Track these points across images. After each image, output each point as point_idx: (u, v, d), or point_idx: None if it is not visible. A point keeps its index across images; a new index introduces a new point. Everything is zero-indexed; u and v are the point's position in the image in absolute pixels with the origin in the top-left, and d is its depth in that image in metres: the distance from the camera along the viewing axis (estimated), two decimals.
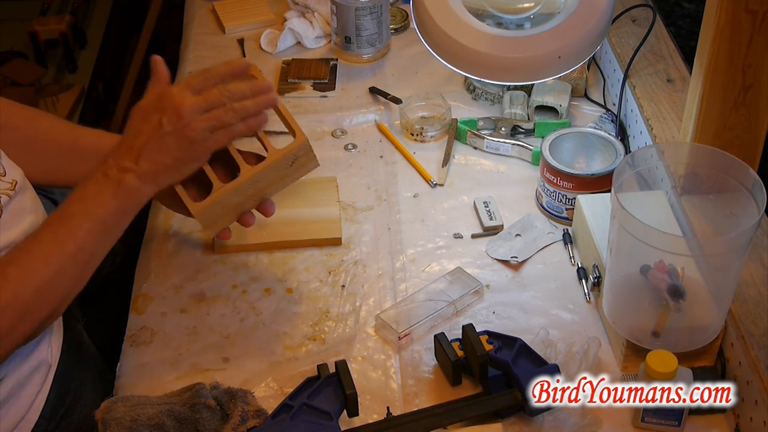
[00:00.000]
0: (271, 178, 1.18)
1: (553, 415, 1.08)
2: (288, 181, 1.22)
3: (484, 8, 1.35)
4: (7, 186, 1.17)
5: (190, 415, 1.05)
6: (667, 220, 1.19)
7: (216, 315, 1.25)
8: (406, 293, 1.27)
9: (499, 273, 1.30)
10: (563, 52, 1.29)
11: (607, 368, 1.15)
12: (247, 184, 1.17)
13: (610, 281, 1.14)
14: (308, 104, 1.63)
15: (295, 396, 1.07)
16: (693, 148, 1.16)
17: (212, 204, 1.16)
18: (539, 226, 1.37)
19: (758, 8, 1.08)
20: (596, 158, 1.38)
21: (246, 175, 1.16)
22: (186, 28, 1.87)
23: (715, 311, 1.10)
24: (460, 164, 1.49)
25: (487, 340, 1.11)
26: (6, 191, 1.16)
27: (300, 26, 1.75)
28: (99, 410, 1.06)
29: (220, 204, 1.17)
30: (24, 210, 1.19)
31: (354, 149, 1.53)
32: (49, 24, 2.68)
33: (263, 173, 1.17)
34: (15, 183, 1.18)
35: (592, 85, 1.63)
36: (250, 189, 1.18)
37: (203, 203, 1.16)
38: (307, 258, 1.33)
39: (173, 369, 1.17)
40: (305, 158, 1.20)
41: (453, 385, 1.14)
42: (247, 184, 1.17)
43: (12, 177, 1.18)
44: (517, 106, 1.54)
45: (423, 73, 1.69)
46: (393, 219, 1.39)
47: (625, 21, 1.62)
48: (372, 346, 1.20)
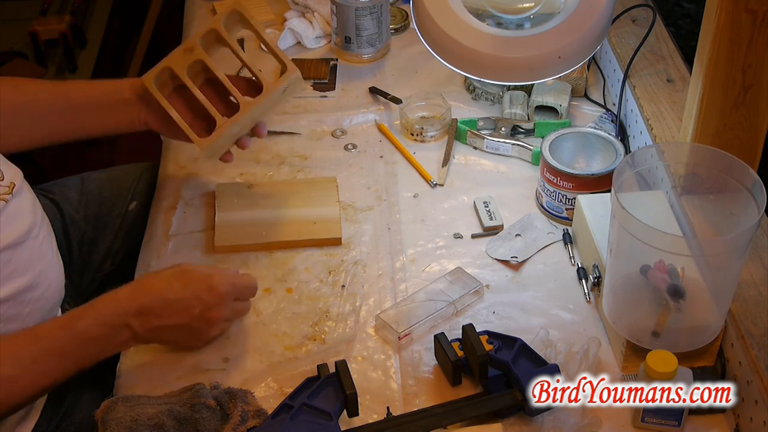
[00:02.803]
0: (266, 106, 1.32)
1: (553, 415, 1.08)
2: (279, 104, 1.39)
3: (484, 8, 1.35)
4: (4, 190, 1.16)
5: (190, 415, 1.05)
6: (667, 220, 1.19)
7: None
8: (406, 293, 1.27)
9: (499, 273, 1.30)
10: (563, 52, 1.29)
11: (607, 368, 1.15)
12: (246, 116, 1.30)
13: (610, 281, 1.14)
14: (308, 104, 1.63)
15: (295, 396, 1.07)
16: (693, 148, 1.16)
17: (217, 138, 1.29)
18: (539, 226, 1.37)
19: (758, 8, 1.08)
20: (596, 158, 1.38)
21: (246, 109, 1.29)
22: (186, 28, 1.87)
23: (715, 311, 1.10)
24: (460, 164, 1.49)
25: (487, 340, 1.11)
26: (3, 196, 1.16)
27: (300, 26, 1.75)
28: (99, 410, 1.06)
29: (222, 136, 1.30)
30: (23, 212, 1.19)
31: (354, 149, 1.53)
32: (49, 24, 2.68)
33: (260, 104, 1.30)
34: (12, 186, 1.18)
35: (592, 85, 1.63)
36: (247, 119, 1.31)
37: (209, 139, 1.29)
38: (307, 258, 1.33)
39: (173, 369, 1.17)
40: (296, 84, 1.35)
41: (453, 385, 1.14)
42: (247, 115, 1.30)
43: (10, 180, 1.18)
44: (517, 106, 1.54)
45: (423, 73, 1.69)
46: (393, 219, 1.39)
47: (625, 21, 1.62)
48: (372, 346, 1.20)
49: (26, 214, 1.19)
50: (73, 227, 1.45)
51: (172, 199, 1.43)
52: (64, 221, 1.44)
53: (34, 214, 1.21)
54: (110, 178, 1.54)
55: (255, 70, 1.32)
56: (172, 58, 1.31)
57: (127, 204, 1.50)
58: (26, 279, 1.17)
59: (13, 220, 1.16)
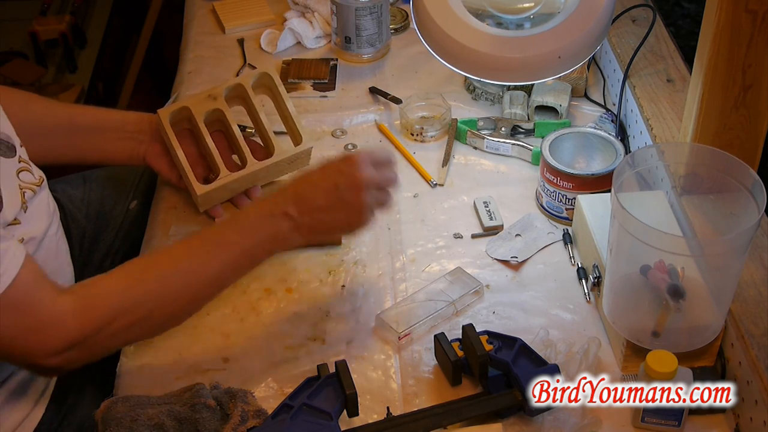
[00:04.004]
0: (270, 171, 1.36)
1: (553, 415, 1.08)
2: (281, 174, 1.41)
3: (484, 8, 1.35)
4: (36, 181, 1.20)
5: (190, 415, 1.05)
6: (667, 220, 1.19)
7: (216, 315, 1.25)
8: (406, 293, 1.27)
9: (499, 273, 1.30)
10: (563, 52, 1.29)
11: (607, 368, 1.15)
12: (250, 175, 1.34)
13: (610, 281, 1.14)
14: (308, 104, 1.63)
15: (295, 396, 1.07)
16: (693, 148, 1.16)
17: (216, 189, 1.32)
18: (539, 226, 1.37)
19: (758, 8, 1.08)
20: (596, 158, 1.38)
21: (251, 168, 1.33)
22: (186, 28, 1.87)
23: (715, 311, 1.10)
24: (460, 164, 1.49)
25: (487, 340, 1.11)
26: (33, 186, 1.18)
27: (300, 26, 1.75)
28: (99, 410, 1.06)
29: (222, 188, 1.33)
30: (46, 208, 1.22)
31: (354, 149, 1.53)
32: (49, 24, 2.68)
33: (266, 168, 1.34)
34: (42, 180, 1.21)
35: (592, 85, 1.63)
36: (250, 178, 1.35)
37: (209, 187, 1.31)
38: (307, 258, 1.33)
39: (173, 369, 1.17)
40: (303, 159, 1.39)
41: (453, 385, 1.14)
42: (250, 175, 1.34)
43: (39, 175, 1.22)
44: (517, 106, 1.54)
45: (423, 73, 1.69)
46: (393, 219, 1.39)
47: (625, 21, 1.62)
48: (372, 346, 1.20)
49: (48, 211, 1.21)
50: (74, 225, 1.46)
51: (173, 199, 1.43)
52: (66, 218, 1.45)
53: (54, 213, 1.24)
54: (112, 177, 1.54)
55: (270, 135, 1.35)
56: (193, 100, 1.33)
57: (129, 202, 1.51)
58: None
59: (38, 214, 1.18)
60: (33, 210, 1.17)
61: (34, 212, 1.17)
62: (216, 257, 1.12)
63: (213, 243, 1.13)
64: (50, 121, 1.34)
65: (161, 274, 1.10)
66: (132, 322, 1.06)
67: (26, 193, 1.16)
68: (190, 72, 1.71)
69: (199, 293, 1.12)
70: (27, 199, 1.16)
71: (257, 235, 1.14)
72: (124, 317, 1.05)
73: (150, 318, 1.08)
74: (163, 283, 1.09)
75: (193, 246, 1.13)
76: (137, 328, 1.08)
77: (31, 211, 1.16)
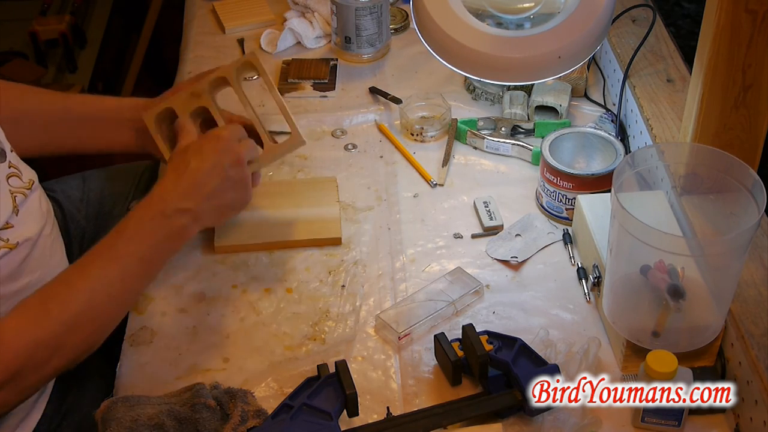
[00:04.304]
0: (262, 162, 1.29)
1: (553, 415, 1.08)
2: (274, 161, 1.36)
3: (484, 8, 1.35)
4: (24, 185, 1.19)
5: (190, 415, 1.05)
6: (667, 220, 1.19)
7: (216, 315, 1.25)
8: (406, 293, 1.27)
9: (499, 273, 1.30)
10: (563, 52, 1.29)
11: (607, 368, 1.15)
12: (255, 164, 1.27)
13: (610, 281, 1.14)
14: (308, 104, 1.63)
15: (295, 396, 1.07)
16: (693, 148, 1.16)
17: None
18: (539, 226, 1.37)
19: (758, 8, 1.08)
20: (596, 158, 1.38)
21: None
22: (186, 28, 1.87)
23: (715, 311, 1.10)
24: (460, 164, 1.49)
25: (487, 340, 1.11)
26: (23, 190, 1.18)
27: (300, 26, 1.75)
28: (99, 410, 1.06)
29: None
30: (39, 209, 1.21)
31: (354, 149, 1.53)
32: (49, 24, 2.68)
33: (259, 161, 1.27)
34: (32, 183, 1.21)
35: (592, 85, 1.63)
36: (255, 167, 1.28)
37: None
38: (307, 258, 1.33)
39: (173, 369, 1.17)
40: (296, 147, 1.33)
41: (453, 385, 1.14)
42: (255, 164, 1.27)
43: (28, 177, 1.21)
44: (517, 106, 1.54)
45: (423, 73, 1.69)
46: (393, 219, 1.39)
47: (625, 21, 1.62)
48: (372, 346, 1.20)
49: (41, 212, 1.21)
50: (73, 225, 1.46)
51: None
52: (65, 219, 1.45)
53: (47, 213, 1.23)
54: (111, 177, 1.54)
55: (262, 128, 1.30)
56: (176, 100, 1.29)
57: (128, 202, 1.51)
58: (36, 276, 1.18)
59: (30, 216, 1.18)
60: (25, 212, 1.17)
61: (27, 214, 1.17)
62: (113, 272, 1.08)
63: (106, 259, 1.09)
64: (46, 110, 1.33)
65: (62, 300, 1.05)
66: (48, 356, 1.03)
67: (17, 197, 1.16)
68: (190, 72, 1.71)
69: (108, 311, 1.09)
70: (18, 203, 1.15)
71: (152, 239, 1.11)
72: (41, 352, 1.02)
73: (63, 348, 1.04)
74: (66, 309, 1.04)
75: (87, 266, 1.08)
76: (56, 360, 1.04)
77: (23, 214, 1.16)
